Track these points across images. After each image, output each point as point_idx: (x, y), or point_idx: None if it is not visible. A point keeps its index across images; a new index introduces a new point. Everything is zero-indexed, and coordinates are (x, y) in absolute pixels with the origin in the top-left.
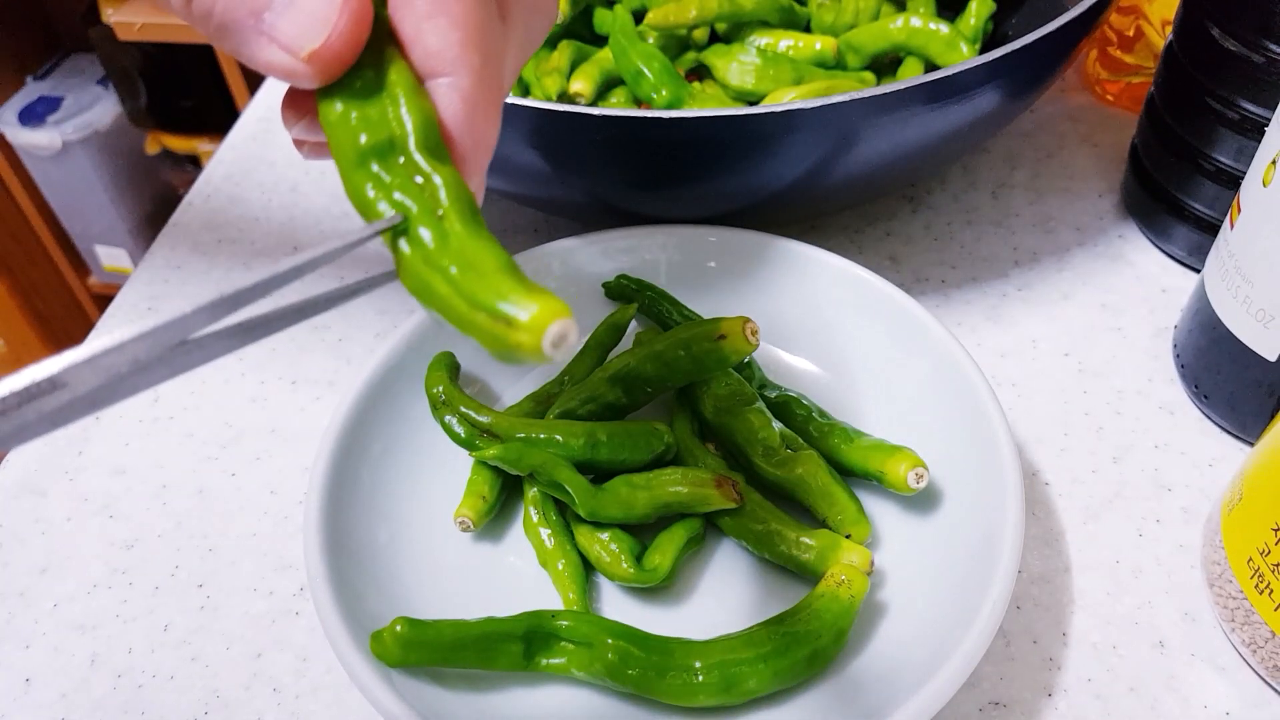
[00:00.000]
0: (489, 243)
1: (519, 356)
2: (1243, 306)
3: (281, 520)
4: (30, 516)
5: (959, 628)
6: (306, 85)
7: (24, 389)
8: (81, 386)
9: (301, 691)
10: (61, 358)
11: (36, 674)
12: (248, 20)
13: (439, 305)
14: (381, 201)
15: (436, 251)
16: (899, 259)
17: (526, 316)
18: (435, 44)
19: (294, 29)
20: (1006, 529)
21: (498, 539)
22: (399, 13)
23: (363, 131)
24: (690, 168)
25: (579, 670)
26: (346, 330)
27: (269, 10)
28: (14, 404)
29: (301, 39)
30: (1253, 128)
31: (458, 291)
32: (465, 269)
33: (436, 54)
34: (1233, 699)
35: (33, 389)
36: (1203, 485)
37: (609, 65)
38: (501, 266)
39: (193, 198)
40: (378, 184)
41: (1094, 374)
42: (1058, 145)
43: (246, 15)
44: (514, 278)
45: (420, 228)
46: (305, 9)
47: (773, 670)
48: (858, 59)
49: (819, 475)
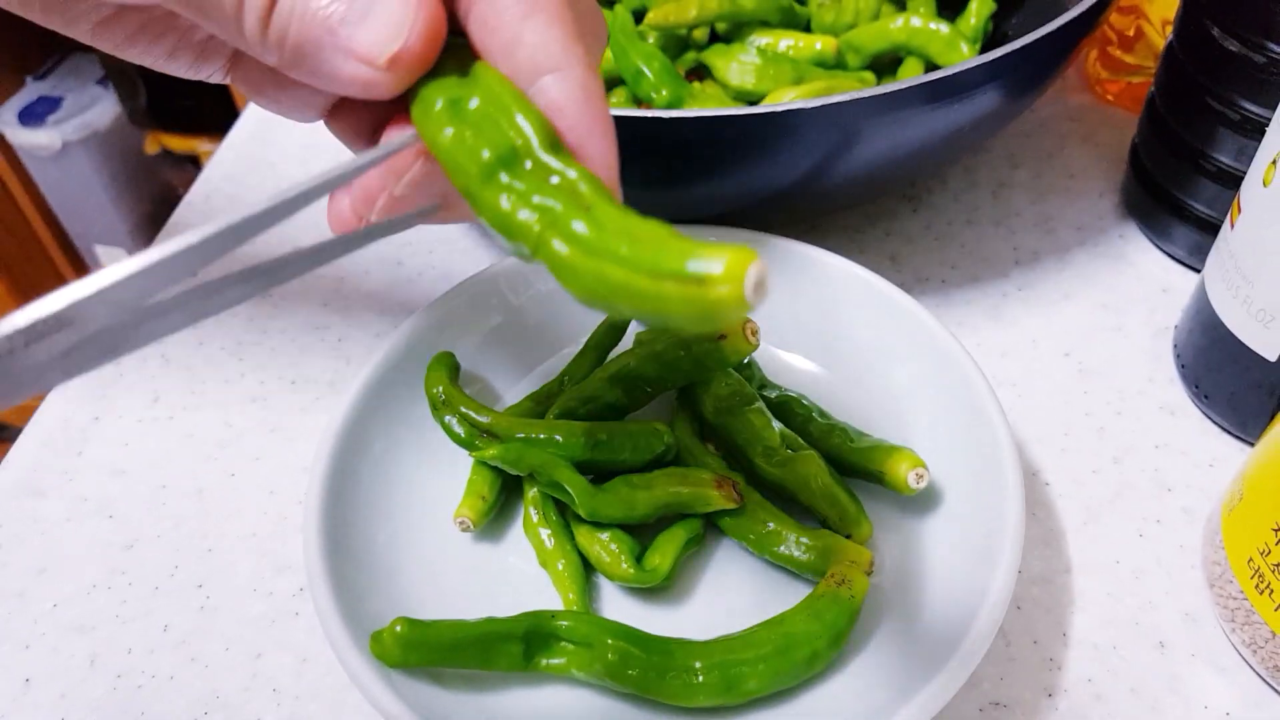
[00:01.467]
0: (646, 219)
1: (722, 313)
2: (1243, 306)
3: (281, 520)
4: (29, 517)
5: (959, 628)
6: (383, 94)
7: (29, 326)
8: (90, 325)
9: (301, 692)
10: (66, 291)
11: (35, 674)
12: (324, 37)
13: (618, 292)
14: (522, 210)
15: (598, 238)
16: (899, 259)
17: (720, 269)
18: (538, 40)
19: (372, 35)
20: (1007, 529)
21: (498, 539)
22: (487, 22)
23: (482, 148)
24: (690, 168)
25: (579, 671)
26: (346, 330)
27: (344, 24)
28: (20, 343)
29: (381, 45)
30: (1253, 128)
31: (636, 269)
32: (636, 244)
33: (542, 49)
34: (1233, 699)
35: (39, 326)
36: (1203, 485)
37: (609, 65)
38: (671, 233)
39: (192, 198)
40: (512, 194)
41: (1094, 374)
42: (1058, 145)
43: (323, 31)
44: (688, 240)
45: (573, 222)
46: (382, 15)
47: (773, 671)
48: (858, 59)
49: (819, 475)
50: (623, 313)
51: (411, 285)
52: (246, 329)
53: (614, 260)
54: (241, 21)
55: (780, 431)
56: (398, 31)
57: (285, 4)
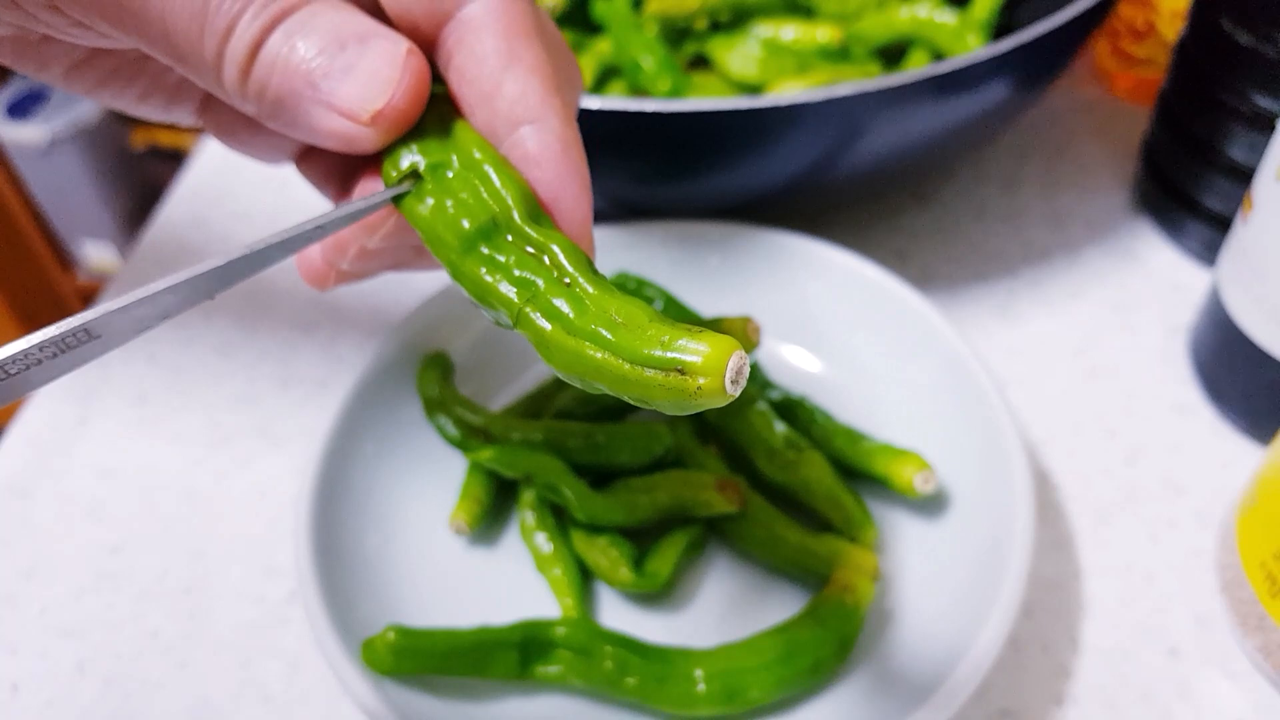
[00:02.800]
0: (625, 297)
1: (700, 404)
2: (1256, 305)
3: (271, 524)
4: (16, 519)
5: (967, 634)
6: (365, 150)
7: (58, 337)
8: (114, 338)
9: (291, 699)
10: (97, 308)
11: (23, 680)
12: (305, 90)
13: (597, 373)
14: (503, 283)
15: (579, 319)
16: (906, 255)
17: (700, 360)
18: (517, 91)
19: (356, 91)
20: (1016, 533)
21: (493, 544)
22: (467, 72)
23: (463, 217)
24: (691, 161)
25: (576, 679)
26: (338, 329)
27: (327, 78)
28: (50, 354)
29: (365, 102)
30: (1265, 122)
31: (615, 353)
32: (615, 328)
33: (520, 100)
34: (1246, 706)
35: (68, 338)
36: (1217, 488)
37: (607, 55)
38: (651, 315)
39: (180, 193)
40: (493, 267)
41: (1105, 373)
42: (1068, 139)
43: (305, 85)
44: (667, 323)
45: (553, 299)
46: (366, 71)
47: (776, 679)
48: (863, 49)
49: (823, 478)
50: (603, 391)
51: (404, 283)
52: (235, 328)
53: (594, 342)
54: (221, 72)
55: (783, 433)
56: (383, 89)
57: (267, 55)
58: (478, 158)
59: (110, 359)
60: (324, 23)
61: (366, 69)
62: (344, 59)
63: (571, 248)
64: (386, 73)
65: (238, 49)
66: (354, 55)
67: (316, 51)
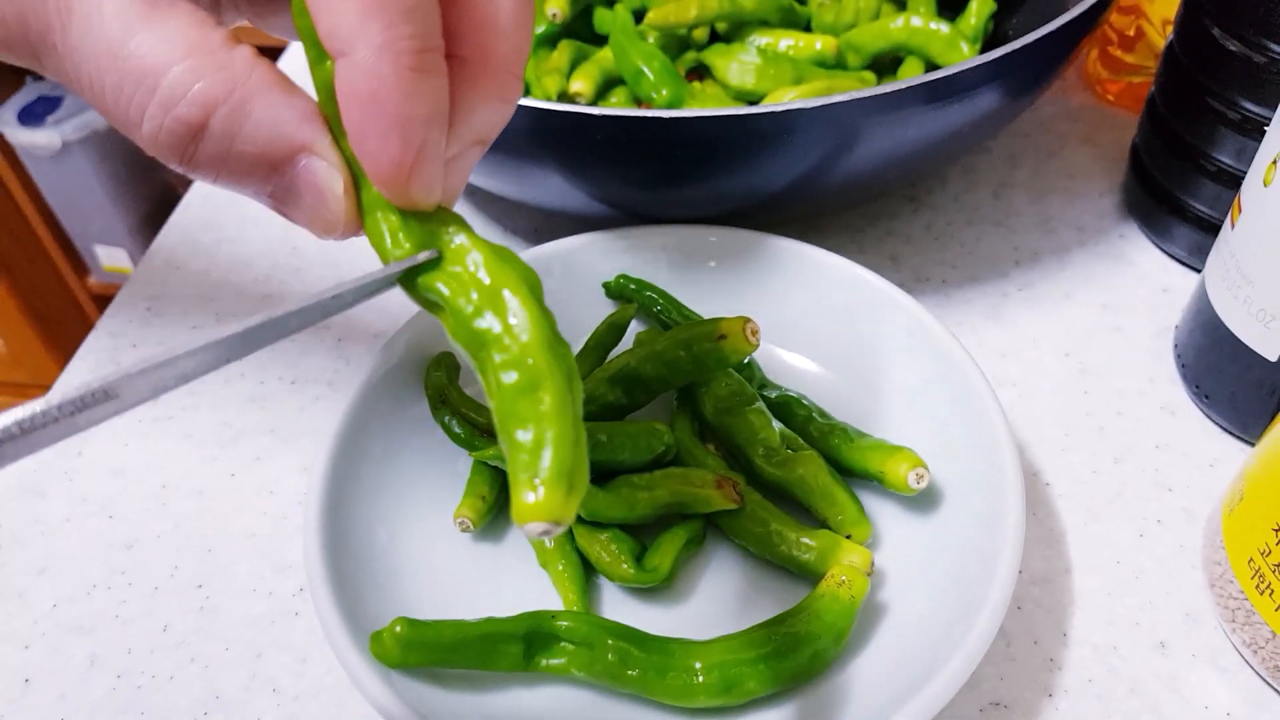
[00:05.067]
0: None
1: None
2: (1244, 306)
3: (281, 521)
4: (29, 517)
5: (959, 628)
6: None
7: (78, 398)
8: (132, 398)
9: (301, 692)
10: (117, 369)
11: (35, 675)
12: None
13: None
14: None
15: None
16: (899, 258)
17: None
18: (331, 22)
19: (305, 218)
20: (1007, 529)
21: (498, 539)
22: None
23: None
24: (690, 167)
25: (579, 671)
26: (346, 330)
27: (277, 202)
28: (68, 412)
29: (313, 226)
30: (1253, 128)
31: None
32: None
33: (333, 32)
34: (1234, 699)
35: (88, 398)
36: (1204, 486)
37: (609, 65)
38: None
39: (192, 198)
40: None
41: (1095, 374)
42: (1058, 145)
43: (253, 196)
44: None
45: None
46: (309, 205)
47: (773, 671)
48: (858, 58)
49: (819, 476)
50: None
51: None
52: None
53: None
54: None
55: (780, 432)
56: (333, 224)
57: (202, 159)
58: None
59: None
60: (246, 142)
61: (310, 204)
62: (281, 185)
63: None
64: (334, 211)
65: (163, 149)
66: (290, 181)
67: (252, 181)
